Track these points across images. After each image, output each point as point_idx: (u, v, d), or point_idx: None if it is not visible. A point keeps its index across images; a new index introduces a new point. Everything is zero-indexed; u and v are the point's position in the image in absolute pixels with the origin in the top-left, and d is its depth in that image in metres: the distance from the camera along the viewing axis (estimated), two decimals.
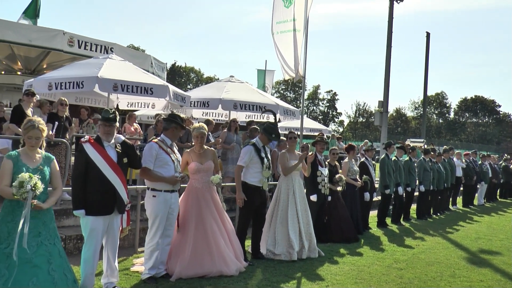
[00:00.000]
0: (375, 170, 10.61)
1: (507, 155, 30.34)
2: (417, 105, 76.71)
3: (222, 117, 13.52)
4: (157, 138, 5.69)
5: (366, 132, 70.36)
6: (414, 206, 12.32)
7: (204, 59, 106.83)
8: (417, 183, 11.99)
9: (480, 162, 16.91)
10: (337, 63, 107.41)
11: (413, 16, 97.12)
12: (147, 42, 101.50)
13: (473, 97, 77.08)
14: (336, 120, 78.82)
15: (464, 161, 15.68)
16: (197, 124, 6.28)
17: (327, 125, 60.31)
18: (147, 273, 5.46)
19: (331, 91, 77.87)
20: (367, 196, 9.64)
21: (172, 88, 9.69)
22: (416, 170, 11.89)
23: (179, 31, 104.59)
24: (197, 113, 12.89)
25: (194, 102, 11.12)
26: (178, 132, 5.70)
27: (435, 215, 12.74)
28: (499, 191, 19.16)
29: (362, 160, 10.21)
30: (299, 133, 10.97)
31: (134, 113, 11.97)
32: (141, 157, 5.54)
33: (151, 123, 11.94)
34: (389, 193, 10.51)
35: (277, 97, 41.89)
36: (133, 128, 11.24)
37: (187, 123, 10.21)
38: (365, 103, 77.22)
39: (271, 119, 7.31)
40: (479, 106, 76.67)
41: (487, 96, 76.40)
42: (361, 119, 77.28)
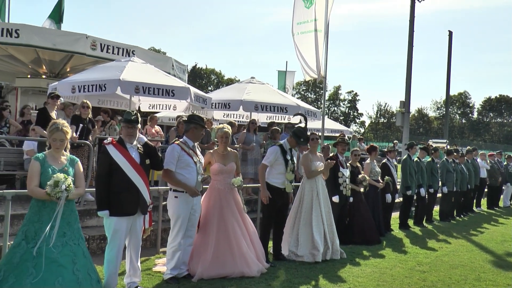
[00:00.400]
0: (397, 171, 10.50)
1: None
2: (439, 105, 75.58)
3: (243, 118, 13.54)
4: (179, 140, 5.73)
5: (387, 133, 69.58)
6: (437, 208, 12.14)
7: (224, 61, 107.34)
8: (439, 184, 11.81)
9: (505, 163, 16.54)
10: (358, 63, 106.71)
11: (434, 14, 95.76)
12: (168, 44, 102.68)
13: (497, 96, 75.51)
14: (357, 120, 78.25)
15: (488, 162, 15.37)
16: (221, 125, 6.32)
17: (348, 126, 59.88)
18: (169, 273, 5.51)
19: (352, 91, 77.37)
20: (389, 197, 9.53)
21: (193, 90, 9.75)
22: (439, 171, 11.71)
23: (199, 33, 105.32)
24: (218, 115, 12.94)
25: (215, 103, 11.17)
26: (198, 132, 5.71)
27: (458, 217, 12.52)
28: None
29: (383, 161, 10.12)
30: (320, 134, 10.93)
31: (155, 115, 12.10)
32: (163, 159, 5.59)
33: (173, 125, 12.04)
34: (411, 195, 10.37)
35: (297, 98, 41.84)
36: (154, 130, 11.37)
37: (207, 125, 10.30)
38: (386, 104, 76.49)
39: (293, 120, 7.30)
40: (503, 106, 75.06)
41: None
42: (383, 119, 76.46)
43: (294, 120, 12.46)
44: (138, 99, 11.26)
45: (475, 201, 14.46)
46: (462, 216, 12.74)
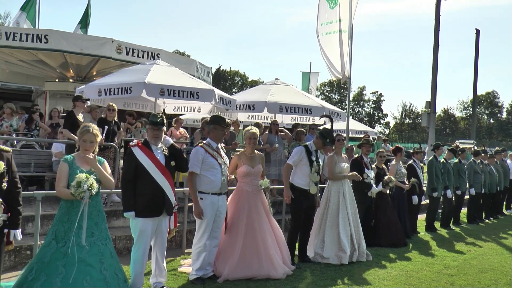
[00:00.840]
0: (423, 172, 10.33)
1: None
2: (466, 105, 74.02)
3: (267, 120, 13.54)
4: (203, 142, 5.78)
5: (412, 134, 68.51)
6: (464, 210, 11.88)
7: (248, 63, 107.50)
8: (467, 186, 11.56)
9: None
10: (382, 63, 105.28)
11: (461, 12, 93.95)
12: (192, 47, 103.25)
13: None
14: (382, 121, 77.28)
15: None
16: (248, 127, 6.33)
17: (372, 127, 59.14)
18: (195, 274, 5.55)
19: (377, 92, 76.47)
20: (415, 199, 9.39)
21: (217, 92, 9.80)
22: (466, 172, 11.46)
23: (223, 35, 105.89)
24: (243, 116, 12.97)
25: (240, 105, 11.20)
26: (219, 132, 5.71)
27: (487, 220, 12.23)
28: None
29: (409, 162, 9.97)
30: (345, 135, 10.83)
31: (180, 117, 12.21)
32: (188, 161, 5.63)
33: (197, 127, 12.13)
34: (437, 196, 10.19)
35: (322, 99, 41.56)
36: (179, 132, 11.47)
37: (234, 126, 10.35)
38: (411, 104, 75.29)
39: (318, 122, 7.26)
40: None
41: None
42: (408, 120, 75.36)
43: (318, 121, 12.42)
44: (163, 101, 11.37)
45: (504, 203, 14.09)
46: (491, 218, 12.43)
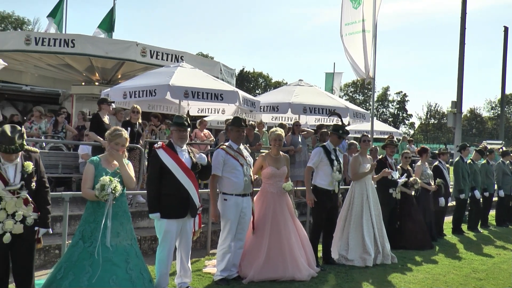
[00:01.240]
0: (449, 173, 10.14)
1: None
2: (494, 105, 72.27)
3: (291, 121, 13.52)
4: (224, 144, 5.81)
5: (438, 134, 67.32)
6: (492, 212, 11.61)
7: (272, 64, 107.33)
8: (495, 187, 11.29)
9: None
10: (406, 63, 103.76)
11: (488, 10, 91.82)
12: (216, 49, 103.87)
13: None
14: (407, 122, 76.18)
15: None
16: (274, 128, 6.34)
17: (397, 128, 58.38)
18: (219, 274, 5.59)
19: (401, 92, 75.37)
20: (442, 201, 9.22)
21: (241, 93, 9.83)
22: (494, 173, 11.20)
23: (246, 36, 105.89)
24: (267, 118, 12.96)
25: (264, 106, 11.21)
26: (238, 134, 5.72)
27: None
28: None
29: (435, 163, 9.81)
30: (369, 136, 10.72)
31: (204, 119, 12.29)
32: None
33: (221, 128, 12.18)
34: (464, 198, 9.99)
35: (345, 99, 41.23)
36: (203, 134, 11.55)
37: (259, 127, 10.36)
38: (436, 104, 74.16)
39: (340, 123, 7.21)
40: None
41: None
42: (433, 120, 74.11)
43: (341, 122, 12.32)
44: (187, 103, 11.45)
45: None
46: None
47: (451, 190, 10.30)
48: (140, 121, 8.62)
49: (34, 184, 4.18)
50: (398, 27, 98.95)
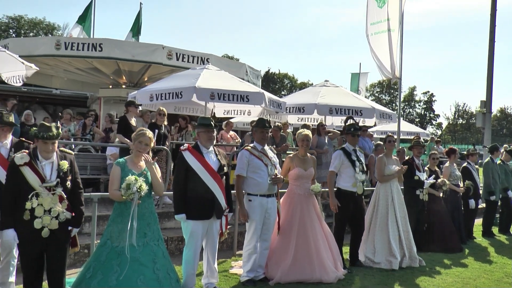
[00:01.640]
0: (479, 175, 9.91)
1: None
2: None
3: (317, 122, 13.44)
4: (249, 145, 5.85)
5: (466, 135, 65.93)
6: None
7: (297, 65, 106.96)
8: None
9: None
10: (433, 62, 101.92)
11: None
12: (241, 51, 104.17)
13: None
14: (434, 122, 74.88)
15: None
16: (301, 129, 6.32)
17: (424, 128, 57.41)
18: (246, 275, 5.60)
19: (428, 92, 74.17)
20: (472, 203, 9.01)
21: (267, 94, 9.82)
22: None
23: (271, 38, 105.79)
24: (293, 119, 12.91)
25: (290, 108, 11.16)
26: (262, 135, 5.74)
27: None
28: None
29: (464, 164, 9.60)
30: (395, 137, 10.55)
31: (230, 120, 12.33)
32: None
33: (247, 130, 12.20)
34: (495, 200, 9.74)
35: (371, 100, 40.80)
36: (229, 135, 11.61)
37: (284, 129, 10.34)
38: (465, 104, 72.44)
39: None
40: None
41: None
42: (461, 120, 72.58)
43: (368, 122, 12.22)
44: (213, 105, 11.51)
45: None
46: None
47: (481, 192, 10.05)
48: (165, 123, 8.71)
49: (69, 183, 4.30)
50: (425, 26, 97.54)
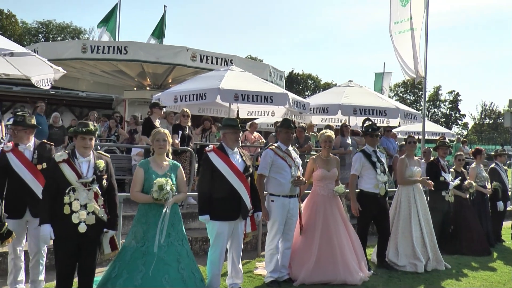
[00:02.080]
0: (507, 176, 9.67)
1: None
2: None
3: (341, 122, 13.36)
4: (273, 144, 5.84)
5: (493, 135, 64.35)
6: None
7: (321, 65, 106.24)
8: None
9: None
10: (459, 61, 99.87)
11: None
12: (264, 52, 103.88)
13: None
14: (460, 122, 73.40)
15: None
16: (324, 130, 6.30)
17: (449, 128, 56.35)
18: (270, 276, 5.60)
19: (453, 91, 72.73)
20: (500, 205, 8.79)
21: (291, 95, 9.80)
22: None
23: (294, 38, 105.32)
24: (316, 120, 12.86)
25: (313, 108, 11.10)
26: (286, 135, 5.73)
27: None
28: None
29: (492, 165, 9.39)
30: (420, 137, 10.42)
31: (255, 121, 12.36)
32: None
33: (271, 131, 12.20)
34: None
35: (396, 100, 40.28)
36: (253, 136, 11.64)
37: (308, 129, 10.31)
38: (492, 103, 70.74)
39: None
40: None
41: None
42: (488, 120, 70.94)
43: (392, 123, 12.08)
44: (237, 106, 11.54)
45: None
46: None
47: (510, 194, 9.83)
48: (189, 124, 8.79)
49: (105, 182, 4.40)
50: (451, 24, 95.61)
